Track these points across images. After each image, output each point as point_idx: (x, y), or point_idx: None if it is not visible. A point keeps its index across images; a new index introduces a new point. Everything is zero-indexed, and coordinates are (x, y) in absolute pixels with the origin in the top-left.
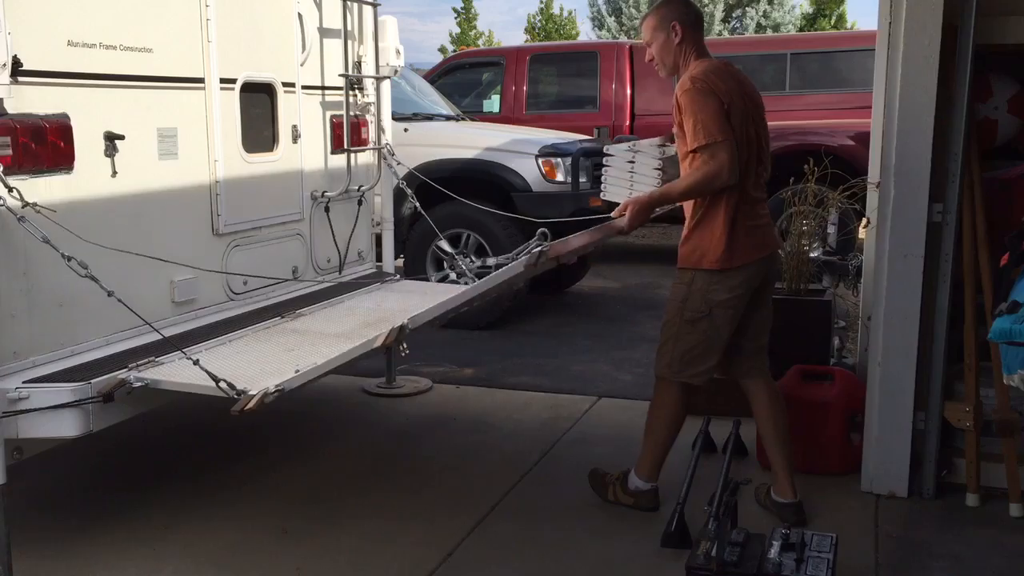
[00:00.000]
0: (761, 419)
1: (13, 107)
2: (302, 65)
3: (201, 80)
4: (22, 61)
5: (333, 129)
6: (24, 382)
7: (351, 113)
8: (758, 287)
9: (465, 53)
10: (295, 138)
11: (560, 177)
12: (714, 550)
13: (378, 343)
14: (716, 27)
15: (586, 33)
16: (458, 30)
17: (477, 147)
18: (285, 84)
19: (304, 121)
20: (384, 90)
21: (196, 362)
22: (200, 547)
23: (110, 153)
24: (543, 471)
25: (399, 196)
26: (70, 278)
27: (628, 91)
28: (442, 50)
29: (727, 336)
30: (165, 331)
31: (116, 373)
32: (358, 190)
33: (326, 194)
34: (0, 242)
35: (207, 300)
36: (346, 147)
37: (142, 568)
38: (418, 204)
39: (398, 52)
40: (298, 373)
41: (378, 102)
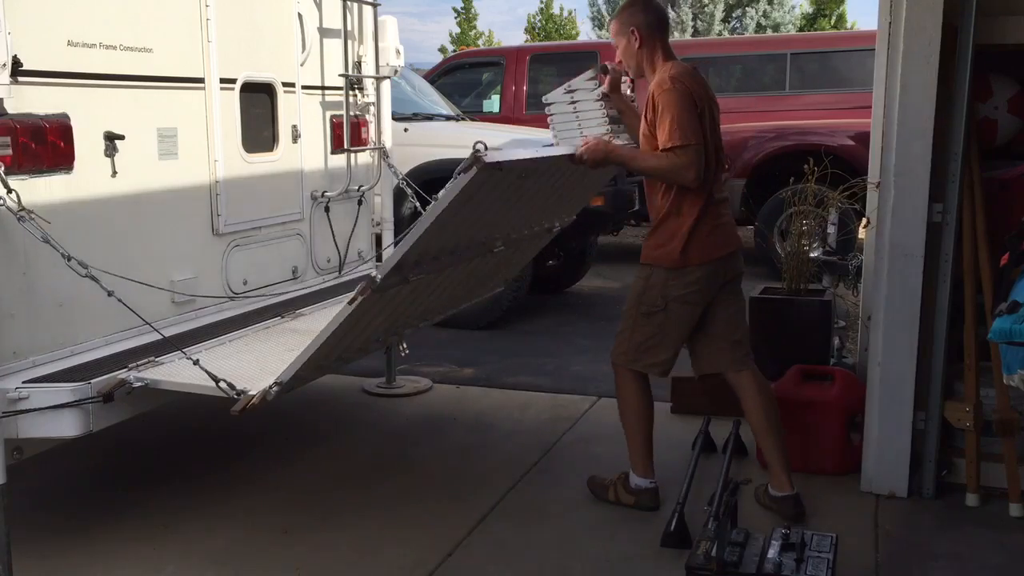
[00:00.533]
0: (750, 412)
1: (13, 107)
2: (302, 65)
3: (201, 80)
4: (22, 61)
5: (333, 129)
6: (24, 382)
7: (351, 113)
8: (726, 282)
9: (465, 53)
10: (295, 138)
11: None
12: (714, 550)
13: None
14: (716, 27)
15: (586, 33)
16: (458, 30)
17: None
18: (285, 84)
19: (304, 121)
20: (384, 90)
21: (196, 362)
22: (200, 547)
23: (110, 153)
24: (543, 471)
25: (399, 196)
26: (70, 278)
27: (628, 91)
28: (442, 50)
29: (685, 331)
30: (165, 331)
31: (116, 373)
32: (358, 190)
33: (326, 194)
34: (0, 242)
35: (207, 300)
36: (346, 147)
37: (142, 568)
38: (419, 204)
39: (398, 52)
40: (292, 361)
41: (378, 102)
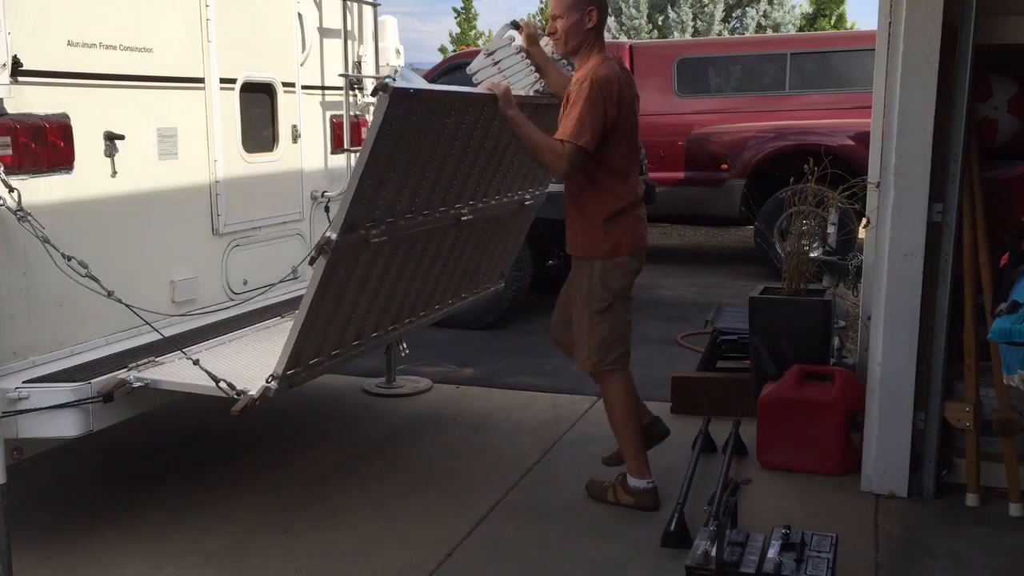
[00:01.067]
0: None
1: (13, 107)
2: (302, 65)
3: (201, 80)
4: (22, 61)
5: (333, 129)
6: (24, 382)
7: (351, 113)
8: (638, 274)
9: (465, 53)
10: (295, 138)
11: None
12: (714, 550)
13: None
14: (716, 27)
15: None
16: (458, 30)
17: None
18: (285, 84)
19: (304, 121)
20: None
21: (196, 362)
22: (200, 547)
23: (110, 153)
24: (543, 471)
25: None
26: (70, 278)
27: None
28: (442, 50)
29: (628, 320)
30: (165, 331)
31: (116, 373)
32: None
33: (326, 194)
34: (0, 242)
35: (207, 300)
36: (346, 147)
37: (142, 568)
38: None
39: (398, 52)
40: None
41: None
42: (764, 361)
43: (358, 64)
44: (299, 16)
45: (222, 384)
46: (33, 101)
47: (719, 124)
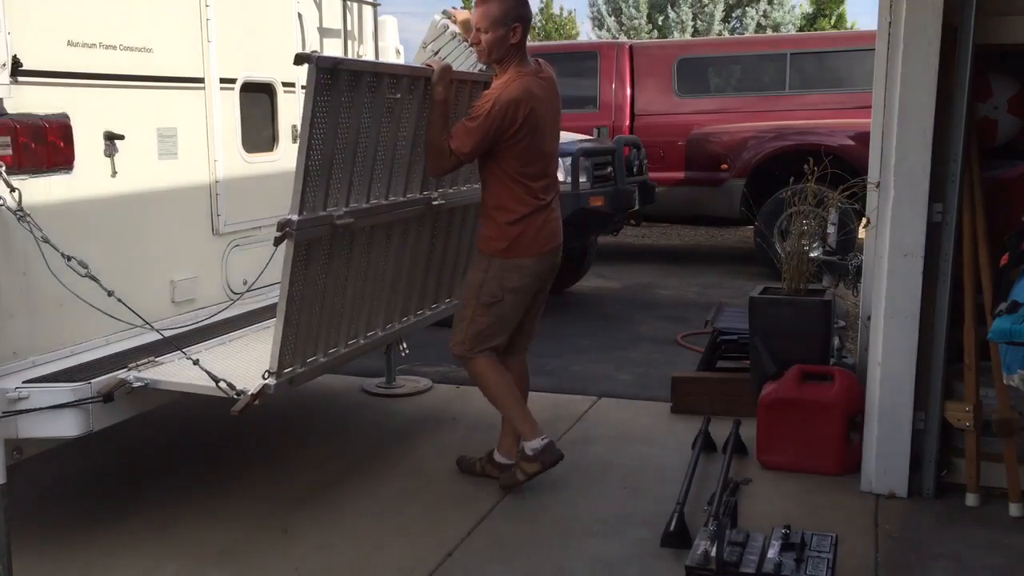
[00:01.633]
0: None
1: (13, 107)
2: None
3: (201, 80)
4: (22, 61)
5: None
6: (24, 382)
7: None
8: (546, 275)
9: None
10: (295, 138)
11: (560, 177)
12: (714, 550)
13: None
14: (716, 27)
15: (586, 33)
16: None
17: None
18: (285, 84)
19: None
20: None
21: (196, 362)
22: (200, 547)
23: (110, 153)
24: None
25: None
26: (70, 278)
27: (628, 91)
28: None
29: (518, 318)
30: (165, 331)
31: (116, 373)
32: None
33: None
34: (0, 242)
35: (207, 300)
36: None
37: (142, 568)
38: None
39: (398, 52)
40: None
41: None
42: (764, 361)
43: None
44: (299, 16)
45: (222, 384)
46: (33, 101)
47: (719, 124)
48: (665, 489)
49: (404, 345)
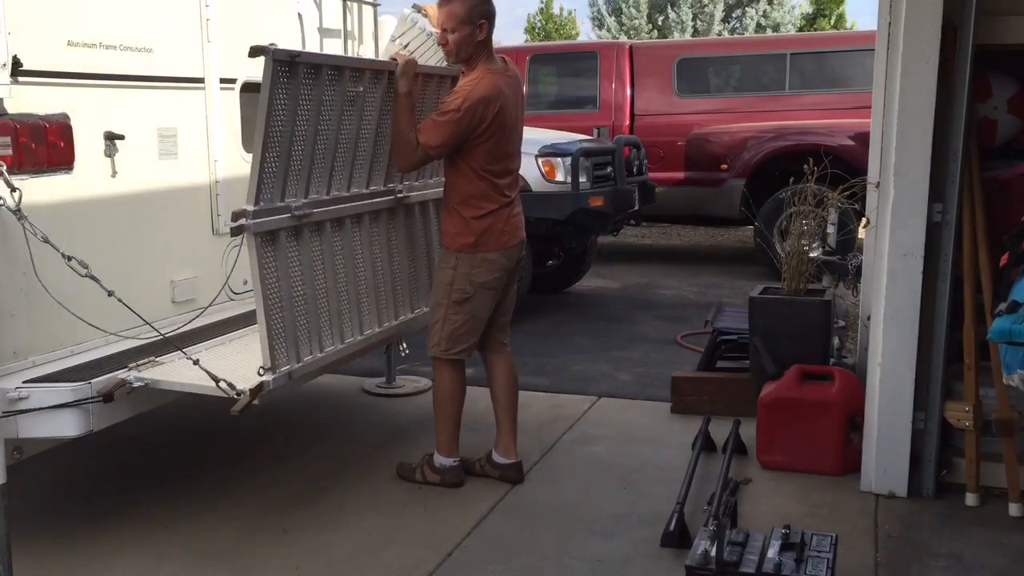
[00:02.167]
0: (500, 386)
1: (13, 107)
2: None
3: (201, 80)
4: (22, 61)
5: None
6: (24, 382)
7: None
8: (512, 269)
9: None
10: None
11: (560, 177)
12: (714, 550)
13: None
14: (716, 27)
15: (586, 33)
16: None
17: None
18: None
19: None
20: None
21: (196, 362)
22: (200, 547)
23: (110, 153)
24: (543, 471)
25: None
26: (70, 278)
27: (628, 91)
28: None
29: (487, 315)
30: (165, 331)
31: (116, 373)
32: None
33: None
34: (0, 242)
35: (207, 300)
36: None
37: (142, 568)
38: None
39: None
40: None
41: None
42: (764, 361)
43: None
44: (299, 16)
45: (222, 384)
46: (33, 101)
47: (719, 124)
48: (665, 489)
49: (404, 345)
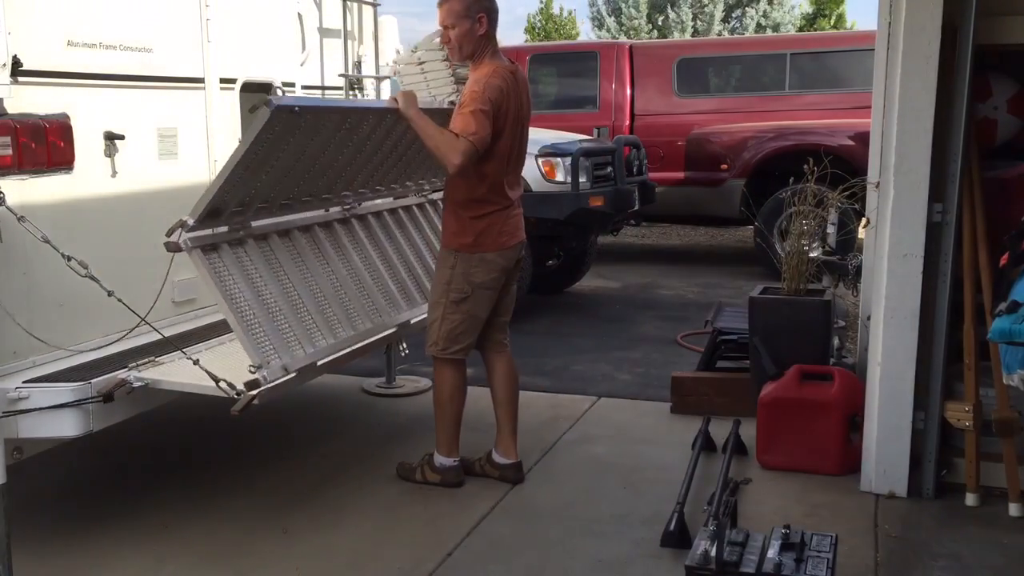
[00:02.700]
0: (500, 385)
1: (13, 107)
2: (302, 65)
3: (201, 80)
4: (22, 61)
5: None
6: (24, 382)
7: None
8: (511, 269)
9: None
10: None
11: (560, 177)
12: (714, 550)
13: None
14: (716, 27)
15: (586, 33)
16: None
17: None
18: (285, 84)
19: None
20: (384, 90)
21: (196, 362)
22: (200, 547)
23: (110, 153)
24: (543, 471)
25: None
26: (70, 278)
27: (628, 91)
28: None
29: (485, 315)
30: (165, 331)
31: (116, 373)
32: None
33: None
34: (0, 242)
35: (207, 300)
36: None
37: (142, 568)
38: None
39: (398, 52)
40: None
41: None
42: (764, 361)
43: (358, 64)
44: (299, 16)
45: (222, 384)
46: (33, 101)
47: (719, 124)
48: (665, 489)
49: (404, 345)
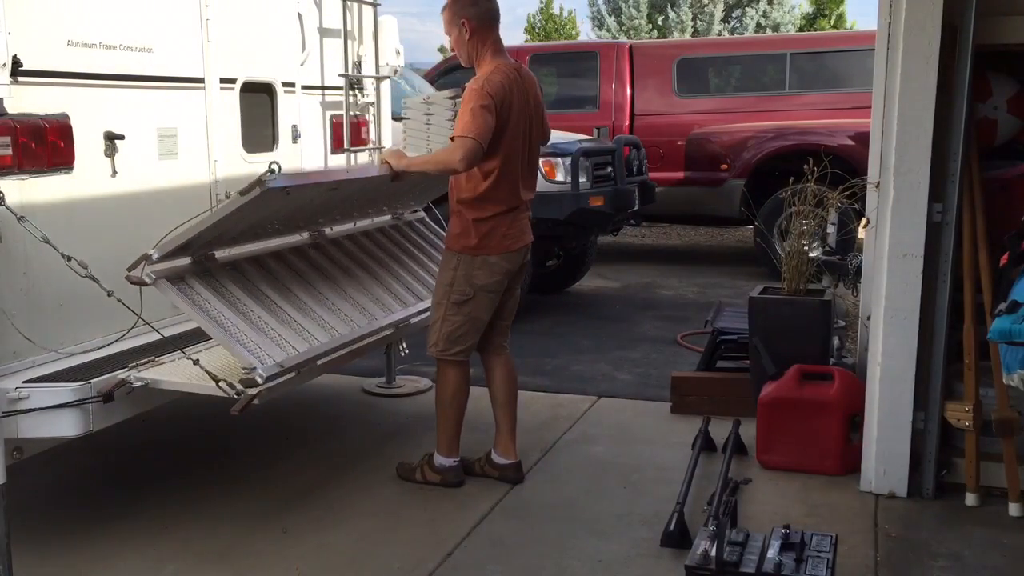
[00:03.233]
0: (499, 387)
1: (13, 107)
2: (302, 65)
3: (201, 80)
4: (22, 61)
5: (333, 129)
6: (24, 382)
7: (351, 113)
8: (515, 273)
9: None
10: (295, 138)
11: (560, 177)
12: (714, 550)
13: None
14: (716, 27)
15: (586, 33)
16: None
17: None
18: (285, 84)
19: (304, 121)
20: (384, 90)
21: (196, 362)
22: (199, 547)
23: (110, 153)
24: (543, 470)
25: None
26: (70, 278)
27: (628, 91)
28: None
29: (487, 318)
30: (165, 331)
31: (116, 373)
32: None
33: None
34: (0, 242)
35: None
36: (346, 147)
37: (142, 568)
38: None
39: (398, 52)
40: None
41: (378, 102)
42: (764, 361)
43: (358, 64)
44: (299, 16)
45: (222, 384)
46: (33, 101)
47: (719, 124)
48: (665, 489)
49: (404, 345)
